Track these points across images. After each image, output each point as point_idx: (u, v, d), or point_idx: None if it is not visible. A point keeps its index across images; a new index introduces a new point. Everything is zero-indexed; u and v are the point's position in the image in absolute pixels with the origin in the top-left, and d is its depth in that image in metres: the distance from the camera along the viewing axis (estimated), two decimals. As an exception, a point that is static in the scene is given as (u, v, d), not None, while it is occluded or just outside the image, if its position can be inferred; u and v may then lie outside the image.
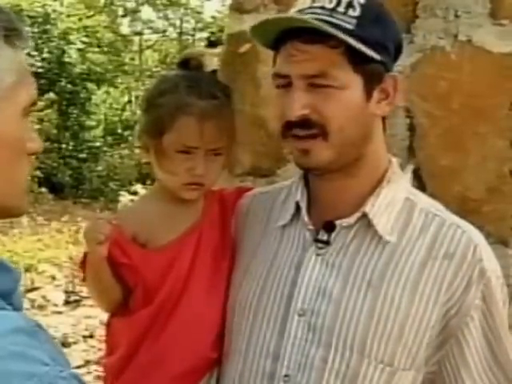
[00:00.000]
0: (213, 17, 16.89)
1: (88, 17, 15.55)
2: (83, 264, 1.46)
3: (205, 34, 16.49)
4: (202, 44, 15.79)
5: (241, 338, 1.37)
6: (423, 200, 1.37)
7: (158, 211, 1.48)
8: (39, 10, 14.42)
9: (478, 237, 1.33)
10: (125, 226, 1.45)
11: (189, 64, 1.47)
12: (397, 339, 1.27)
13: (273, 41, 1.30)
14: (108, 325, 1.52)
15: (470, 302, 1.28)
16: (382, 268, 1.29)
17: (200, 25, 16.84)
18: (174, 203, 1.47)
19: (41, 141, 1.04)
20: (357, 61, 1.25)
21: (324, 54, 1.24)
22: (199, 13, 16.98)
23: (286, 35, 1.27)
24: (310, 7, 1.27)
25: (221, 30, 15.14)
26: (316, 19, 1.24)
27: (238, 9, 2.09)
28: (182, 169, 1.42)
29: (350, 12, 1.26)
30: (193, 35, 17.06)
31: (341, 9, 1.26)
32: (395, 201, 1.33)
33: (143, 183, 11.96)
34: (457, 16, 1.86)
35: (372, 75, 1.28)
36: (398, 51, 1.34)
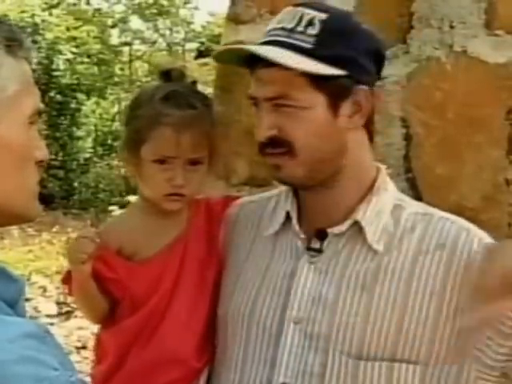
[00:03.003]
0: (202, 27, 16.90)
1: (76, 27, 15.50)
2: (68, 280, 1.46)
3: (195, 45, 16.49)
4: (192, 54, 15.79)
5: (236, 347, 1.37)
6: (411, 204, 1.38)
7: (142, 224, 1.47)
8: (28, 20, 14.37)
9: (468, 224, 1.33)
10: (110, 239, 1.44)
11: (170, 75, 1.47)
12: (396, 333, 1.26)
13: (247, 63, 1.31)
14: (97, 336, 1.52)
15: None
16: (374, 271, 1.30)
17: (190, 35, 16.84)
18: (158, 215, 1.46)
19: (47, 149, 1.04)
20: (318, 80, 1.25)
21: (283, 77, 1.24)
22: (189, 23, 16.99)
23: (257, 58, 1.27)
24: (274, 29, 1.29)
25: (210, 40, 15.16)
26: (274, 41, 1.26)
27: (234, 19, 2.10)
28: (162, 180, 1.40)
29: (309, 30, 1.26)
30: (182, 46, 17.05)
31: (300, 28, 1.26)
32: (385, 208, 1.34)
33: (133, 194, 11.91)
34: (452, 27, 1.88)
35: (337, 91, 1.27)
36: (378, 60, 1.33)
